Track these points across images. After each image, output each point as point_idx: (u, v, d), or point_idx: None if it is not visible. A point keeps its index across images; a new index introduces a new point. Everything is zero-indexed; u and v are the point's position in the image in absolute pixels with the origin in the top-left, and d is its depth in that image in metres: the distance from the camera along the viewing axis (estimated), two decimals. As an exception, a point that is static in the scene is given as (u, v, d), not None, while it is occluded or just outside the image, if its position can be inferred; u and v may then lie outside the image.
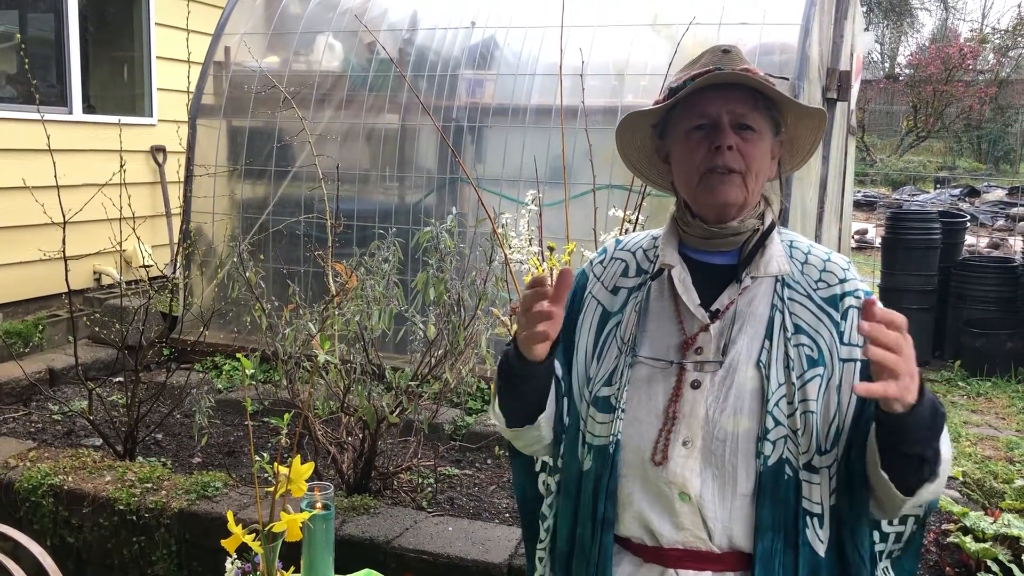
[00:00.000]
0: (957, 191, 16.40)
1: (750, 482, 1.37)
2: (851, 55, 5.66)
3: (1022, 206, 13.00)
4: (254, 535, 1.65)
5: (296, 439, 1.91)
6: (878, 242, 8.72)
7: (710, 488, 1.37)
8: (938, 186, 17.51)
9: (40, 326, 5.33)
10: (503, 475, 3.82)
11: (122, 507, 3.32)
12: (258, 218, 5.21)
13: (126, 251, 5.58)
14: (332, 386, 3.34)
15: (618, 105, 4.73)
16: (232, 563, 1.77)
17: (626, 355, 1.46)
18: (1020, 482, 3.67)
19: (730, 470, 1.37)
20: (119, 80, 6.54)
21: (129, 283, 5.07)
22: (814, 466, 1.37)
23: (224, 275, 4.28)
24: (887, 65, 26.42)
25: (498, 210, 3.61)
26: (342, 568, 1.88)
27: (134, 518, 3.30)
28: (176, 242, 5.55)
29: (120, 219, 3.94)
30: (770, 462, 1.36)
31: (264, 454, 3.43)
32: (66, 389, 4.84)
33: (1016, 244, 11.14)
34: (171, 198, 6.40)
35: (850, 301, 1.42)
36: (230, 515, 1.70)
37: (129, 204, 3.95)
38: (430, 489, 3.59)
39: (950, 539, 3.14)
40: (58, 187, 3.74)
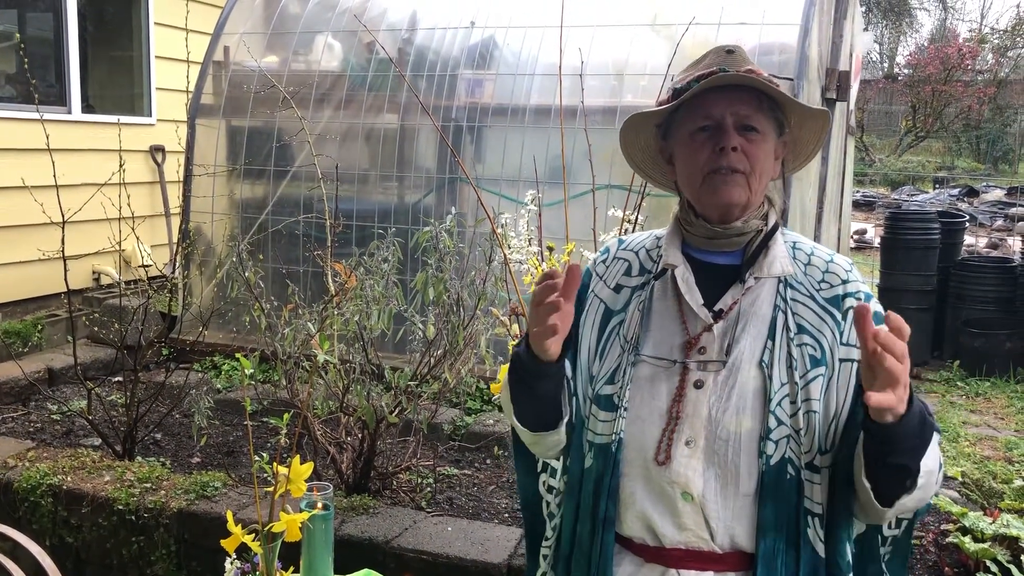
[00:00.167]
0: (956, 191, 16.41)
1: (752, 482, 1.37)
2: (850, 55, 5.66)
3: (1021, 206, 13.01)
4: (253, 535, 1.65)
5: (295, 439, 1.91)
6: (877, 242, 8.71)
7: (713, 488, 1.38)
8: (937, 186, 17.51)
9: (39, 326, 5.33)
10: (502, 475, 3.82)
11: (121, 507, 3.32)
12: (257, 218, 5.21)
13: (125, 251, 5.58)
14: (331, 386, 3.34)
15: (617, 105, 4.73)
16: (232, 563, 1.77)
17: (629, 354, 1.46)
18: (1019, 482, 3.67)
19: (733, 470, 1.37)
20: (118, 80, 6.54)
21: (128, 283, 5.07)
22: (816, 466, 1.38)
23: (223, 275, 4.28)
24: (886, 65, 26.44)
25: (497, 210, 3.61)
26: (341, 568, 1.88)
27: (133, 518, 3.30)
28: (175, 242, 5.55)
29: (119, 219, 3.94)
30: (773, 462, 1.36)
31: (263, 454, 3.43)
32: (65, 389, 4.84)
33: (1015, 244, 11.14)
34: (170, 198, 6.40)
35: (852, 302, 1.42)
36: (229, 515, 1.70)
37: (128, 204, 3.95)
38: (429, 489, 3.59)
39: (949, 539, 3.14)
40: (57, 187, 3.74)
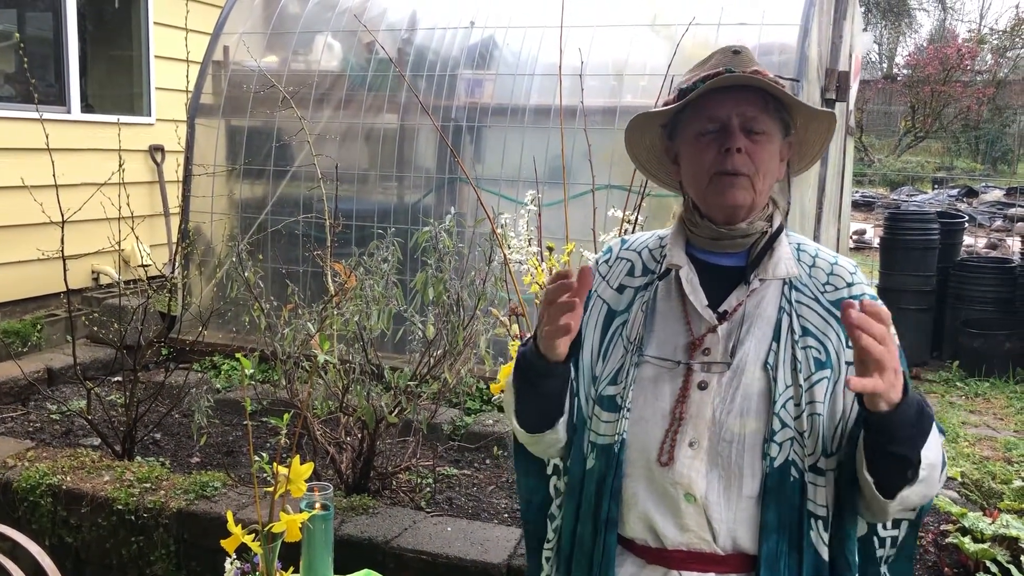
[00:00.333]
0: (955, 191, 16.40)
1: (756, 483, 1.37)
2: (850, 55, 5.65)
3: (1020, 206, 13.00)
4: (253, 535, 1.65)
5: (295, 439, 1.91)
6: (876, 242, 8.72)
7: (716, 489, 1.38)
8: (936, 186, 17.50)
9: (38, 325, 5.32)
10: (502, 475, 3.82)
11: (120, 507, 3.32)
12: (257, 218, 5.20)
13: (124, 250, 5.58)
14: (331, 386, 3.34)
15: (617, 105, 4.72)
16: (231, 563, 1.77)
17: (632, 354, 1.46)
18: (1018, 483, 3.68)
19: (736, 471, 1.37)
20: (117, 79, 6.53)
21: (127, 283, 5.06)
22: (820, 468, 1.38)
23: (223, 275, 4.27)
24: (885, 65, 26.45)
25: (497, 210, 3.60)
26: (341, 568, 1.88)
27: (132, 518, 3.30)
28: (175, 241, 5.55)
29: (119, 218, 3.93)
30: (776, 464, 1.36)
31: (263, 454, 3.43)
32: (64, 389, 4.83)
33: (1014, 244, 11.14)
34: (170, 197, 6.39)
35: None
36: (230, 515, 1.70)
37: (128, 203, 3.94)
38: (429, 489, 3.59)
39: (949, 540, 3.14)
40: (56, 186, 3.74)
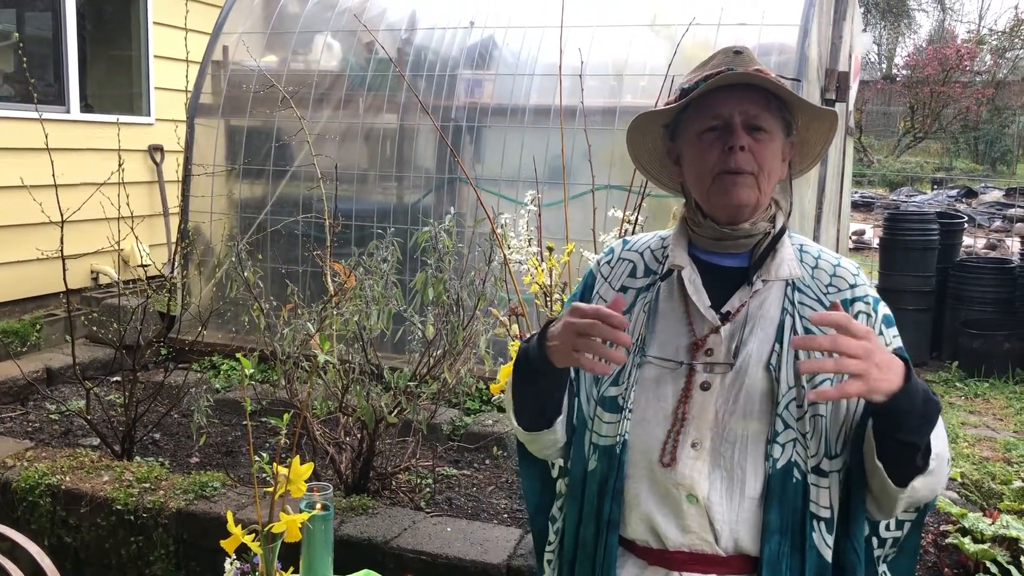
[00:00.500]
0: (954, 192, 16.40)
1: (758, 485, 1.37)
2: (849, 56, 5.65)
3: (1019, 207, 13.01)
4: (253, 535, 1.64)
5: (294, 439, 1.91)
6: (876, 243, 8.72)
7: (718, 490, 1.37)
8: (935, 187, 17.50)
9: (37, 325, 5.32)
10: (501, 475, 3.82)
11: (120, 507, 3.31)
12: (256, 218, 5.20)
13: (124, 250, 5.57)
14: (330, 386, 3.34)
15: (617, 105, 4.72)
16: (231, 563, 1.77)
17: (634, 355, 1.46)
18: (1018, 483, 3.68)
19: (739, 472, 1.37)
20: (117, 79, 6.53)
21: (127, 282, 5.06)
22: (823, 470, 1.38)
23: (222, 275, 4.26)
24: (884, 66, 26.46)
25: (497, 210, 3.60)
26: (341, 568, 1.87)
27: (132, 518, 3.30)
28: (174, 241, 5.54)
29: (118, 218, 3.93)
30: (779, 465, 1.36)
31: (263, 454, 3.42)
32: (63, 388, 4.83)
33: (1013, 245, 11.14)
34: (169, 197, 6.39)
35: (859, 307, 1.43)
36: (229, 515, 1.70)
37: (127, 203, 3.94)
38: (428, 489, 3.59)
39: (949, 540, 3.14)
40: (56, 186, 3.74)
